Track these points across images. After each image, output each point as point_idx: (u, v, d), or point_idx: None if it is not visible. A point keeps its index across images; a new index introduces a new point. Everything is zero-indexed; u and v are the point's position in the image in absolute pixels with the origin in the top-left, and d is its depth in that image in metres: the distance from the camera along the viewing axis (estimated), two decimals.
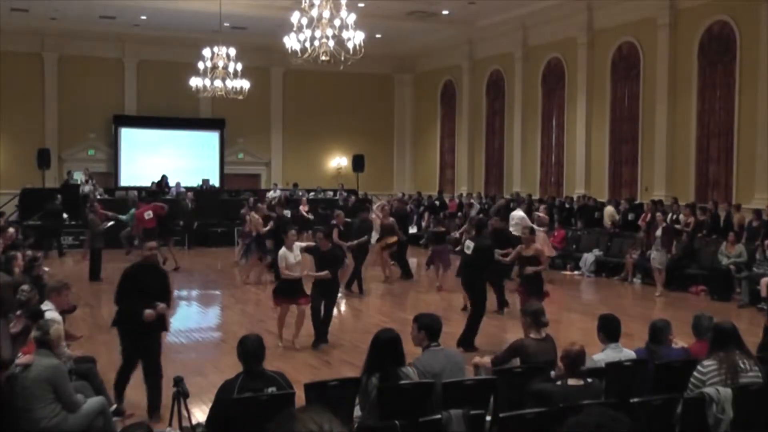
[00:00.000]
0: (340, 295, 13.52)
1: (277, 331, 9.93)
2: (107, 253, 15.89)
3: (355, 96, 28.32)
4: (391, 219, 15.65)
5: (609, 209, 18.49)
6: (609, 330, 6.10)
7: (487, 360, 6.43)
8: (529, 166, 23.31)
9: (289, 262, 9.82)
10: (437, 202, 24.47)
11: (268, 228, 15.29)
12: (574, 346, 5.27)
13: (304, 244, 10.82)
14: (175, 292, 15.10)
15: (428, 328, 5.64)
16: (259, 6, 20.73)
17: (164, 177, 24.33)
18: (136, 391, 7.82)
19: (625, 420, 2.10)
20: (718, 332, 5.55)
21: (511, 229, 14.39)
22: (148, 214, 16.83)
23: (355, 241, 14.02)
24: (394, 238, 15.47)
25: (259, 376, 5.00)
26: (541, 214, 16.03)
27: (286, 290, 9.86)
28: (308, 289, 9.98)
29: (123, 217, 18.37)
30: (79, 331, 9.99)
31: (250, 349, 5.07)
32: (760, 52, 16.10)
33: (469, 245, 9.80)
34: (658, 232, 14.34)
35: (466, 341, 9.54)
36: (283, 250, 9.99)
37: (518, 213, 15.61)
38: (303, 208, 20.58)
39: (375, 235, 15.87)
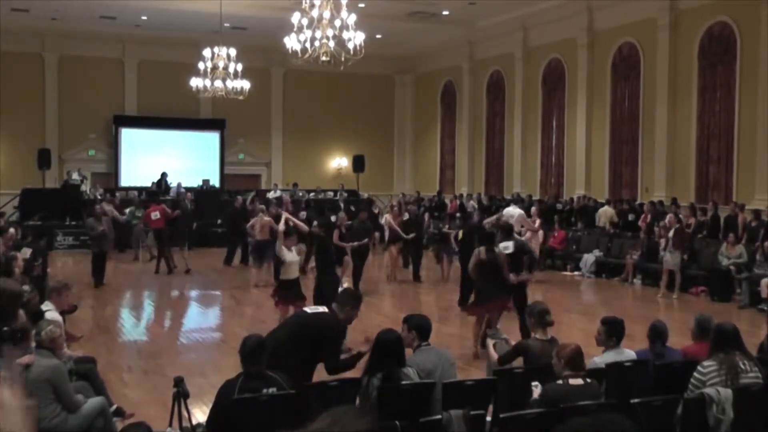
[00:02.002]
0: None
1: None
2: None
3: (356, 96, 28.33)
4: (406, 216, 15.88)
5: (608, 210, 18.49)
6: (613, 333, 6.07)
7: (495, 354, 6.44)
8: (530, 167, 23.31)
9: (288, 259, 9.95)
10: (443, 203, 24.44)
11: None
12: (569, 345, 5.29)
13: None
14: (176, 293, 15.19)
15: (419, 328, 5.66)
16: (259, 6, 20.74)
17: (164, 175, 24.26)
18: (136, 390, 7.84)
19: (623, 426, 2.04)
20: (719, 333, 5.54)
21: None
22: (155, 215, 16.83)
23: (356, 243, 13.97)
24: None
25: (258, 376, 5.00)
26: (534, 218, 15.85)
27: (286, 290, 9.91)
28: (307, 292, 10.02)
29: (124, 217, 18.56)
30: (80, 331, 10.01)
31: (248, 350, 5.07)
32: (760, 53, 16.11)
33: (507, 246, 9.90)
34: (671, 233, 14.27)
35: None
36: (281, 246, 10.10)
37: (516, 210, 15.45)
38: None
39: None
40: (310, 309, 6.43)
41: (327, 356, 5.80)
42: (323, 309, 6.28)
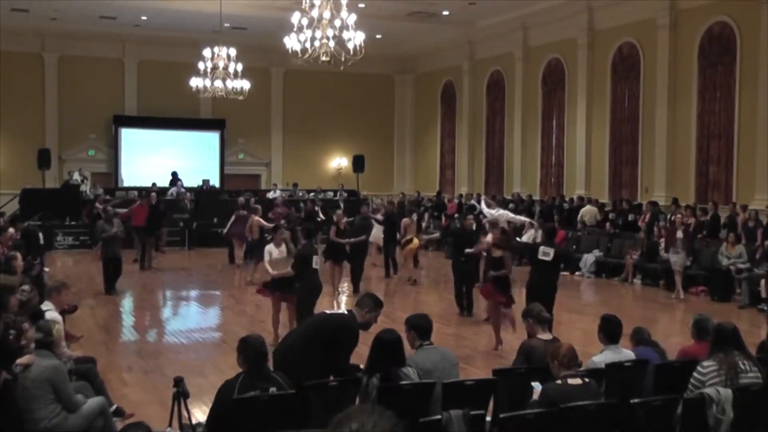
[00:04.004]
0: (345, 294, 13.60)
1: (272, 331, 9.81)
2: None
3: (356, 96, 28.32)
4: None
5: (591, 209, 18.53)
6: (609, 331, 6.09)
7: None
8: (530, 167, 23.31)
9: (273, 257, 9.96)
10: (443, 203, 24.36)
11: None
12: (562, 346, 5.28)
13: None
14: (176, 293, 15.18)
15: (417, 327, 5.68)
16: (259, 6, 20.73)
17: (174, 174, 24.11)
18: (136, 390, 7.84)
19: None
20: (719, 333, 5.54)
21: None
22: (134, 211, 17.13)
23: (353, 239, 14.01)
24: (411, 238, 15.73)
25: (259, 376, 5.00)
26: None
27: (276, 283, 9.83)
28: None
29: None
30: (80, 331, 10.00)
31: (259, 349, 5.05)
32: (760, 53, 16.10)
33: (548, 251, 9.54)
34: (679, 234, 14.24)
35: None
36: (269, 246, 10.12)
37: (500, 210, 15.23)
38: (316, 209, 20.60)
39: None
40: (329, 310, 6.45)
41: (336, 357, 5.77)
42: (343, 311, 6.29)
